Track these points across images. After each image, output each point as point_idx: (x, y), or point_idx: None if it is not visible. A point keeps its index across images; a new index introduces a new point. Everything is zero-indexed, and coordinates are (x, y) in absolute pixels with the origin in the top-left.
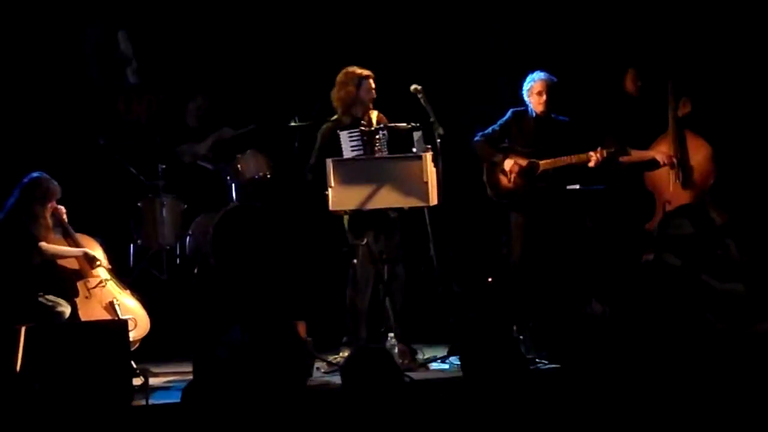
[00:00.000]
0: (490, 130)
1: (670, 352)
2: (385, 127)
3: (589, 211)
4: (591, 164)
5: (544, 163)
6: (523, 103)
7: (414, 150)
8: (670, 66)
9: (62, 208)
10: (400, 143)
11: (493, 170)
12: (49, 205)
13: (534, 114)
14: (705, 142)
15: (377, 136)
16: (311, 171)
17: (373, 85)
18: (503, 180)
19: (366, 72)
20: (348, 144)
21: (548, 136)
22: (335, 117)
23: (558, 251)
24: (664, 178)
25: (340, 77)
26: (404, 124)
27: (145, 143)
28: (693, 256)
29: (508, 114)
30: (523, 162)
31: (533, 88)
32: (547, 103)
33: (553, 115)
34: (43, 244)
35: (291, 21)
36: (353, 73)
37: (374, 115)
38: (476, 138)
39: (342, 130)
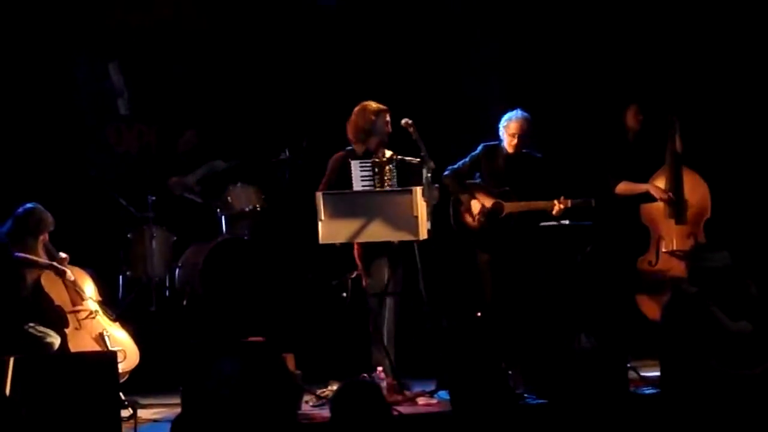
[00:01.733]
0: (459, 164)
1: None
2: (396, 161)
3: (579, 247)
4: (554, 213)
5: (508, 206)
6: (497, 137)
7: (423, 186)
8: (672, 101)
9: (66, 256)
10: (409, 177)
11: (458, 208)
12: (42, 237)
13: (505, 151)
14: (701, 179)
15: (388, 167)
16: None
17: (389, 120)
18: (468, 218)
19: (383, 107)
20: (358, 174)
21: (519, 173)
22: (349, 147)
23: (539, 287)
24: (660, 213)
25: (357, 109)
26: (415, 159)
27: (136, 175)
28: (714, 288)
29: (479, 148)
30: (488, 203)
31: (508, 128)
32: (519, 145)
33: (525, 151)
34: (18, 254)
35: (281, 55)
36: (370, 106)
37: (387, 153)
38: (445, 172)
39: (354, 159)
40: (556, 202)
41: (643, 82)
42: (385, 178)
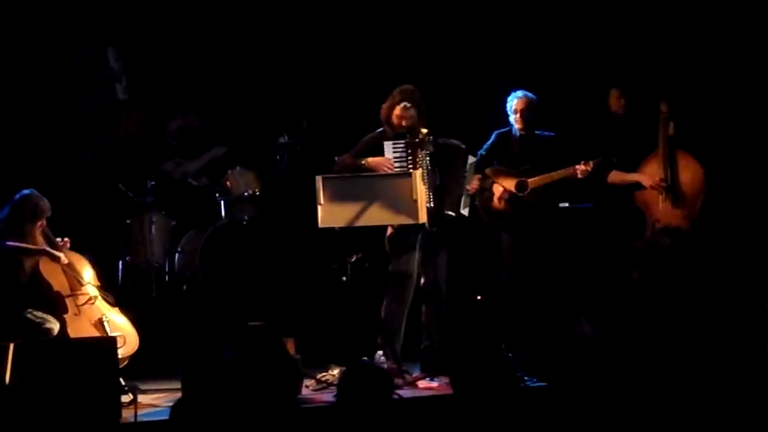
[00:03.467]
0: (477, 156)
1: (660, 371)
2: (434, 142)
3: (578, 230)
4: (579, 176)
5: (532, 181)
6: (508, 122)
7: (466, 172)
8: (662, 86)
9: (66, 240)
10: (449, 162)
11: (483, 195)
12: (39, 223)
13: (518, 133)
14: (696, 162)
15: (421, 149)
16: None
17: (410, 114)
18: (494, 203)
19: (398, 98)
20: (391, 155)
21: (534, 153)
22: (381, 129)
23: (548, 271)
24: (654, 197)
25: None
26: (457, 143)
27: (134, 160)
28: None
29: (493, 137)
30: (512, 184)
31: (513, 106)
32: (524, 120)
33: (538, 132)
34: (9, 243)
35: (280, 37)
36: (393, 95)
37: (424, 130)
38: None
39: (387, 140)
40: (578, 166)
41: (629, 66)
42: (418, 160)
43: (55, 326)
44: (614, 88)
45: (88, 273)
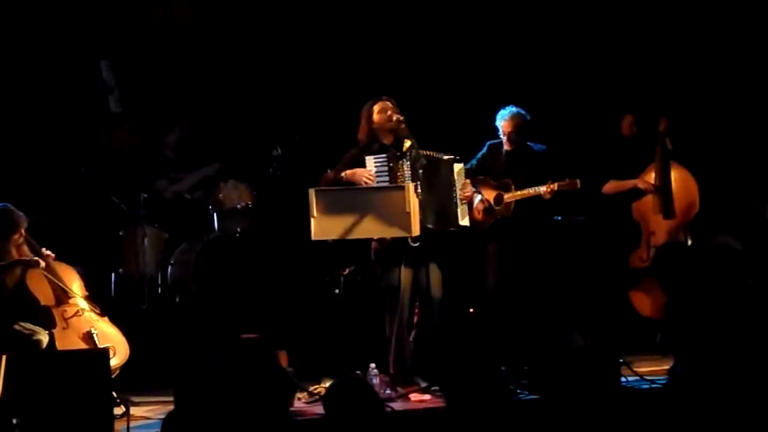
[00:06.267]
0: (468, 165)
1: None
2: (417, 154)
3: (571, 242)
4: (546, 197)
5: (507, 196)
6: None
7: (455, 183)
8: (662, 101)
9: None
10: (437, 173)
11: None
12: (13, 237)
13: (506, 147)
14: (690, 174)
15: (401, 162)
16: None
17: (387, 107)
18: (474, 214)
19: (377, 99)
20: (373, 168)
21: (520, 168)
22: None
23: (535, 280)
24: (650, 209)
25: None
26: (441, 154)
27: (127, 172)
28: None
29: (485, 148)
30: (491, 196)
31: (501, 127)
32: (511, 143)
33: (530, 144)
34: None
35: (273, 52)
36: (366, 104)
37: (407, 143)
38: None
39: (369, 154)
40: (542, 187)
41: (635, 83)
42: (398, 174)
43: (44, 338)
44: (629, 114)
45: (75, 284)
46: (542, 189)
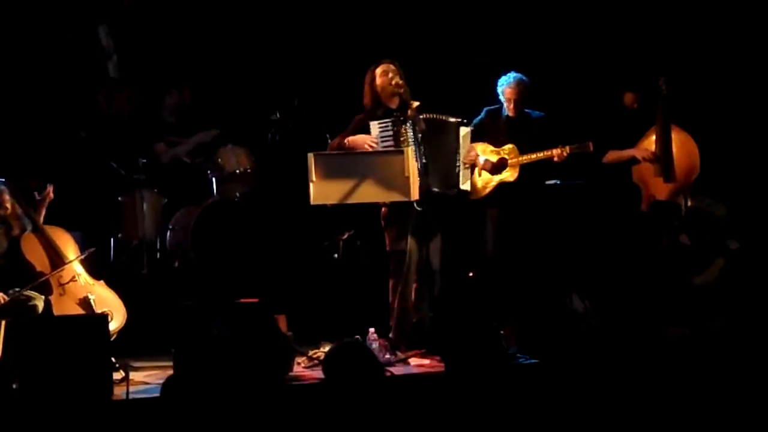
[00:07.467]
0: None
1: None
2: (419, 118)
3: (569, 206)
4: (556, 160)
5: (517, 160)
6: (498, 100)
7: (460, 147)
8: (662, 63)
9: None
10: (440, 136)
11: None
12: None
13: (507, 113)
14: (691, 138)
15: (404, 127)
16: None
17: (389, 69)
18: (475, 178)
19: (378, 62)
20: (378, 135)
21: (521, 133)
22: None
23: (534, 246)
24: (650, 172)
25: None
26: (447, 117)
27: (126, 137)
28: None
29: (483, 113)
30: (494, 159)
31: (504, 93)
32: (516, 108)
33: (527, 111)
34: None
35: (272, 14)
36: (368, 71)
37: (414, 105)
38: None
39: (373, 120)
40: (554, 150)
41: (636, 50)
42: (402, 138)
43: (40, 303)
44: (633, 92)
45: (71, 249)
46: (555, 152)
